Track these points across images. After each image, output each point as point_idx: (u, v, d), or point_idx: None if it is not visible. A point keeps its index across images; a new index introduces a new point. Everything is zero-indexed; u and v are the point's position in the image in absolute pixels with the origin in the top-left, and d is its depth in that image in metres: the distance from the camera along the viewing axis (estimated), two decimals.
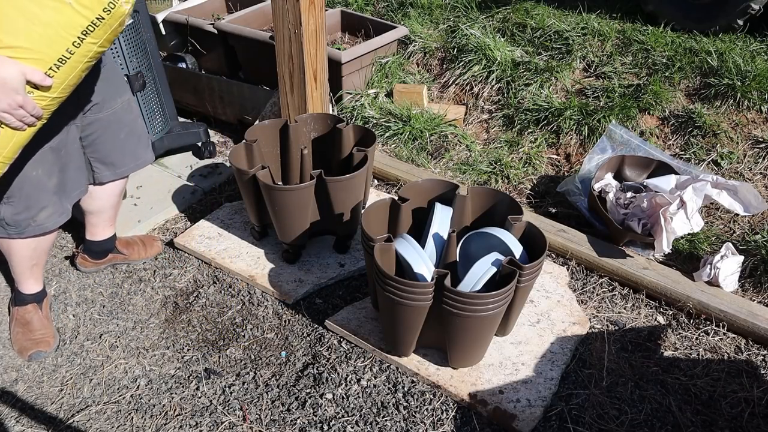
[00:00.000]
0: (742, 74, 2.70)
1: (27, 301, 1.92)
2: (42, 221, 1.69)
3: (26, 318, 1.92)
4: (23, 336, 1.90)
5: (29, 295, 1.92)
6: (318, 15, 2.22)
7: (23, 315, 1.92)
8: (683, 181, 2.13)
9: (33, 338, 1.89)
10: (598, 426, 1.68)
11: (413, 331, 1.68)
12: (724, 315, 1.95)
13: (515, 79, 3.00)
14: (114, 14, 1.36)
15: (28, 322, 1.91)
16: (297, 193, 1.94)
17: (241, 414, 1.73)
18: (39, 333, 1.91)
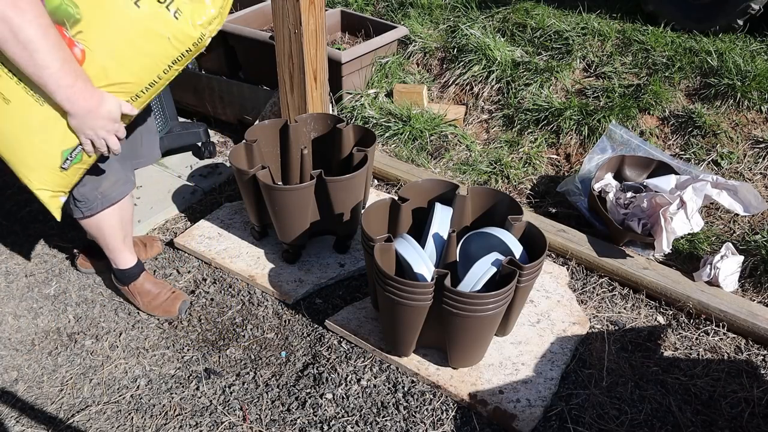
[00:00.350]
0: (742, 74, 2.70)
1: (135, 274, 1.98)
2: (107, 192, 1.74)
3: (146, 288, 2.00)
4: (155, 301, 2.00)
5: (133, 267, 1.97)
6: (318, 15, 2.22)
7: (142, 286, 1.99)
8: (683, 181, 2.13)
9: (166, 297, 2.00)
10: (598, 426, 1.68)
11: (413, 331, 1.68)
12: (724, 315, 1.95)
13: (515, 79, 3.00)
14: (200, 46, 1.49)
15: (149, 290, 2.00)
16: (297, 193, 1.94)
17: (241, 414, 1.73)
18: (166, 290, 2.02)
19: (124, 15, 1.37)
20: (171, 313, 2.00)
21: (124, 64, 1.41)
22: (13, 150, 1.42)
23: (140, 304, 2.02)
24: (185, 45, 1.45)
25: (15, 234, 2.40)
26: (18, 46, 1.26)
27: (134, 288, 2.00)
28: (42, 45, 1.27)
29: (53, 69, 1.30)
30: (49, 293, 2.14)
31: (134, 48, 1.40)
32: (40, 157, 1.43)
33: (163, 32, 1.41)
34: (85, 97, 1.36)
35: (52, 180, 1.47)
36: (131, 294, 2.02)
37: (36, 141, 1.40)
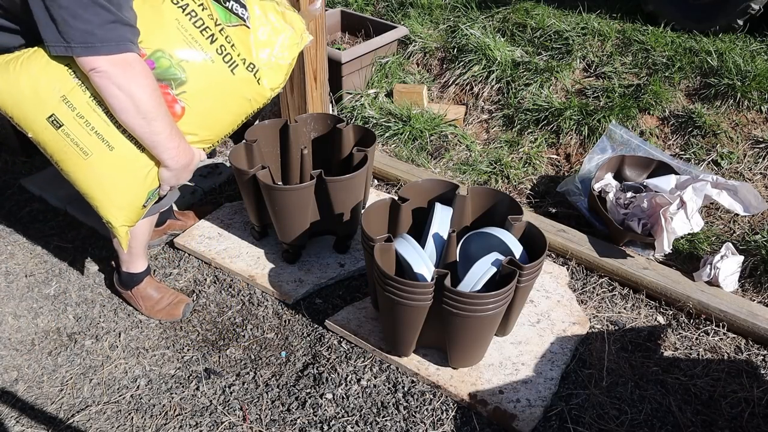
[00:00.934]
0: (742, 74, 2.70)
1: (141, 278, 2.00)
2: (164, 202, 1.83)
3: (148, 292, 2.01)
4: (158, 306, 2.01)
5: (142, 272, 2.00)
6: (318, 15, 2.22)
7: (145, 291, 2.01)
8: (683, 181, 2.12)
9: (169, 301, 2.01)
10: (598, 426, 1.68)
11: (413, 331, 1.68)
12: (724, 315, 1.95)
13: (515, 79, 3.00)
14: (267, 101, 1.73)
15: (151, 295, 2.02)
16: (297, 193, 1.94)
17: (241, 414, 1.73)
18: (169, 294, 2.03)
19: (222, 80, 1.57)
20: (175, 316, 2.00)
21: (213, 122, 1.61)
22: (107, 191, 1.52)
23: (142, 308, 2.03)
24: (259, 104, 1.70)
25: (15, 234, 2.40)
26: (138, 116, 1.40)
27: (137, 292, 2.01)
28: (157, 115, 1.43)
29: (165, 135, 1.46)
30: (49, 293, 2.14)
31: (224, 108, 1.61)
32: (130, 198, 1.55)
33: (248, 95, 1.64)
34: (184, 156, 1.56)
35: (132, 216, 1.59)
36: (133, 298, 2.02)
37: (131, 184, 1.53)
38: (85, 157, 1.46)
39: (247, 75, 1.63)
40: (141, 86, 1.38)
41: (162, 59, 1.49)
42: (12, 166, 2.80)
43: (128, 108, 1.39)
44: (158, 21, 1.50)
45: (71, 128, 1.43)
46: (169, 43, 1.50)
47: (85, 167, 1.47)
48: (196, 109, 1.56)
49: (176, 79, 1.51)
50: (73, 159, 1.46)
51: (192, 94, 1.54)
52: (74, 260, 2.27)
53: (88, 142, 1.45)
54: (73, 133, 1.43)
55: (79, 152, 1.45)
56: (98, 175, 1.49)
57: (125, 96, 1.37)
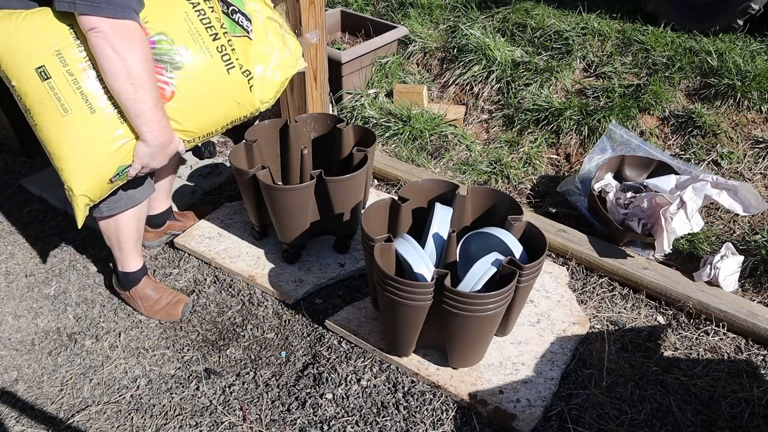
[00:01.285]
0: (742, 74, 2.70)
1: (138, 278, 2.00)
2: (132, 193, 1.79)
3: (147, 293, 2.01)
4: (157, 306, 2.00)
5: (137, 271, 1.99)
6: (318, 15, 2.22)
7: (143, 291, 2.01)
8: (683, 181, 2.12)
9: (168, 301, 2.01)
10: (598, 426, 1.68)
11: (413, 331, 1.68)
12: (724, 315, 1.95)
13: (515, 79, 3.00)
14: (251, 115, 1.78)
15: (149, 295, 2.01)
16: (297, 193, 1.94)
17: (241, 414, 1.73)
18: (168, 294, 2.02)
19: (216, 75, 1.61)
20: (174, 316, 2.00)
21: (199, 114, 1.62)
22: (76, 154, 1.49)
23: (141, 308, 2.03)
24: (247, 111, 1.74)
25: (15, 234, 2.41)
26: (126, 81, 1.42)
27: (135, 293, 2.01)
28: (146, 83, 1.45)
29: (149, 105, 1.47)
30: (49, 293, 2.14)
31: (212, 102, 1.63)
32: (98, 167, 1.51)
33: (238, 98, 1.68)
34: (164, 134, 1.55)
35: (95, 189, 1.55)
36: (132, 299, 2.02)
37: (102, 152, 1.50)
38: (63, 114, 1.44)
39: (241, 78, 1.68)
40: (135, 53, 1.41)
41: (163, 42, 1.54)
42: (12, 166, 2.80)
43: (119, 72, 1.41)
44: (168, 8, 1.56)
45: (57, 83, 1.43)
46: (173, 30, 1.55)
47: (60, 124, 1.45)
48: (185, 96, 1.58)
49: (173, 63, 1.55)
50: (51, 114, 1.45)
51: (184, 81, 1.57)
52: (74, 260, 2.27)
53: (71, 100, 1.44)
54: (58, 88, 1.43)
55: (59, 108, 1.44)
56: (72, 135, 1.46)
57: (119, 60, 1.39)
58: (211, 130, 1.71)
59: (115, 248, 1.92)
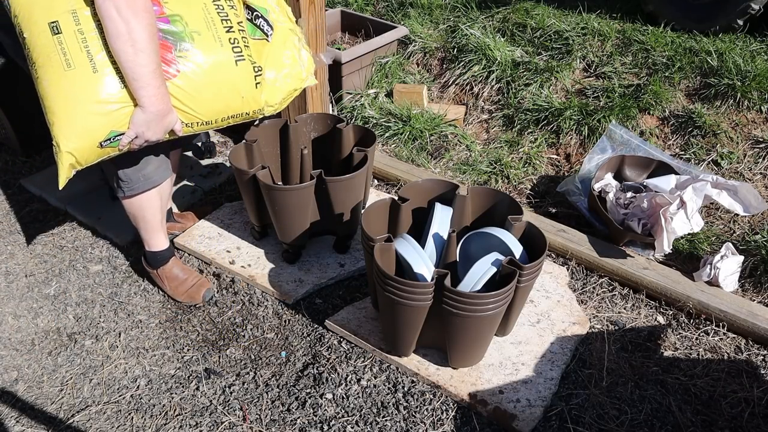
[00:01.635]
0: (742, 74, 2.70)
1: (166, 257, 2.05)
2: (150, 174, 1.84)
3: (174, 272, 2.06)
4: (182, 287, 2.05)
5: (165, 250, 2.04)
6: (318, 15, 2.22)
7: (170, 271, 2.06)
8: (683, 181, 2.12)
9: (192, 284, 2.06)
10: (598, 426, 1.68)
11: (413, 331, 1.68)
12: (724, 315, 1.95)
13: (515, 79, 3.00)
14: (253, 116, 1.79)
15: (176, 275, 2.06)
16: (297, 193, 1.94)
17: (241, 414, 1.73)
18: (193, 277, 2.08)
19: (225, 64, 1.64)
20: (195, 299, 2.04)
21: (200, 97, 1.63)
22: (71, 110, 1.49)
23: (167, 288, 2.07)
24: (249, 108, 1.75)
25: (15, 234, 2.41)
26: (127, 43, 1.44)
27: (163, 272, 2.06)
28: (147, 47, 1.46)
29: (149, 69, 1.48)
30: (49, 293, 2.14)
31: (215, 89, 1.64)
32: (89, 126, 1.51)
33: (242, 92, 1.69)
34: (162, 102, 1.55)
35: (83, 150, 1.54)
36: (159, 278, 2.07)
37: (97, 111, 1.50)
38: (66, 69, 1.47)
39: (249, 72, 1.69)
40: (139, 17, 1.44)
41: (177, 22, 1.59)
42: (12, 166, 2.80)
43: (121, 33, 1.43)
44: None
45: (67, 39, 1.47)
46: (189, 14, 1.61)
47: (61, 78, 1.47)
48: (189, 77, 1.60)
49: (182, 44, 1.59)
50: (55, 67, 1.47)
51: (191, 62, 1.60)
52: (74, 260, 2.27)
53: (76, 57, 1.47)
54: (66, 43, 1.47)
55: (63, 62, 1.47)
56: (70, 90, 1.48)
57: (122, 21, 1.42)
58: (211, 119, 1.70)
59: (141, 228, 1.97)
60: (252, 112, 1.77)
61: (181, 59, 1.58)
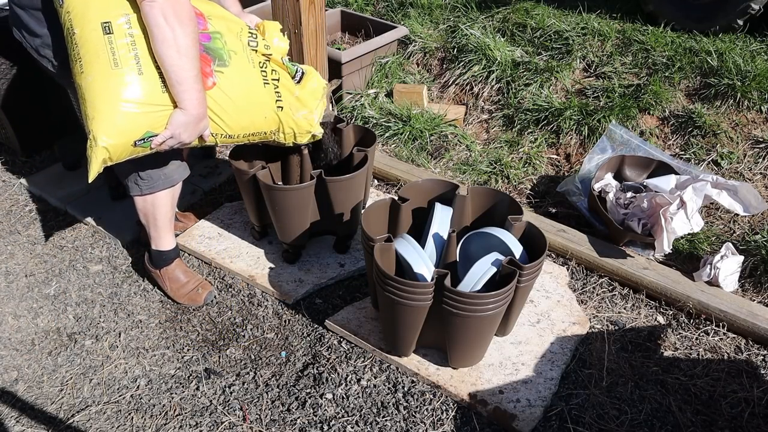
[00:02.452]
0: (742, 74, 2.70)
1: (171, 257, 2.06)
2: (170, 173, 1.89)
3: (176, 274, 2.07)
4: (183, 288, 2.07)
5: (171, 251, 2.06)
6: (318, 15, 2.22)
7: (173, 272, 2.07)
8: (683, 181, 2.12)
9: (194, 286, 2.07)
10: (598, 426, 1.68)
11: (413, 331, 1.68)
12: (724, 315, 1.95)
13: (515, 79, 3.00)
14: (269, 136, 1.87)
15: (178, 277, 2.07)
16: (297, 193, 1.94)
17: (241, 414, 1.73)
18: (195, 280, 2.09)
19: (254, 83, 1.74)
20: (196, 301, 2.05)
21: (231, 111, 1.71)
22: (112, 107, 1.54)
23: (168, 289, 2.07)
24: (268, 128, 1.83)
25: (15, 234, 2.41)
26: (173, 47, 1.51)
27: (165, 273, 2.06)
28: (190, 53, 1.54)
29: (192, 74, 1.56)
30: (49, 293, 2.14)
31: (245, 105, 1.73)
32: (128, 125, 1.56)
33: (266, 112, 1.78)
34: (202, 105, 1.62)
35: (117, 147, 1.57)
36: (161, 278, 2.07)
37: (138, 111, 1.56)
38: (113, 68, 1.53)
39: (273, 96, 1.80)
40: (184, 24, 1.52)
41: (218, 40, 1.68)
42: (12, 166, 2.80)
43: (167, 38, 1.50)
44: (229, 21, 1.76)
45: (117, 39, 1.53)
46: (227, 34, 1.72)
47: (107, 76, 1.53)
48: (224, 90, 1.68)
49: (222, 60, 1.68)
50: (102, 65, 1.53)
51: (226, 77, 1.68)
52: (74, 260, 2.27)
53: (124, 58, 1.53)
54: (116, 44, 1.53)
55: (111, 60, 1.53)
56: (115, 88, 1.53)
57: (168, 28, 1.49)
58: (235, 133, 1.77)
59: (151, 226, 1.98)
60: (269, 131, 1.85)
61: (218, 74, 1.67)
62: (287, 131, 1.88)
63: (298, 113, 1.88)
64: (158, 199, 1.91)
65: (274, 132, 1.86)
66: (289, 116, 1.85)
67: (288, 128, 1.87)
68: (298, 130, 1.90)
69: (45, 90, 2.71)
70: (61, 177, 2.65)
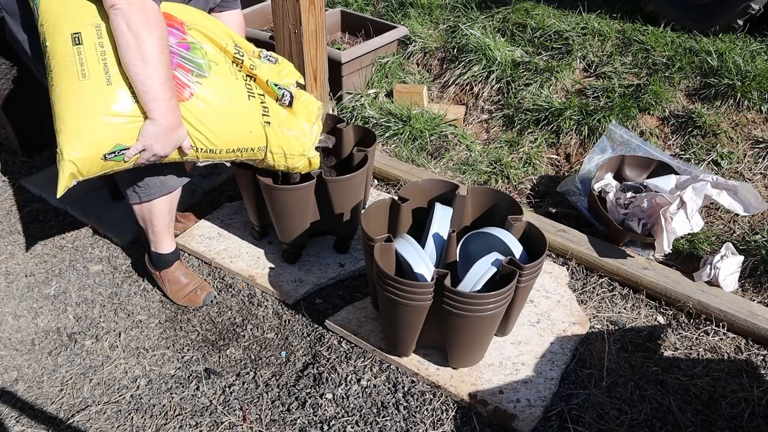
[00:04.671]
0: (742, 74, 2.70)
1: (171, 260, 2.06)
2: (167, 180, 1.87)
3: (176, 275, 2.07)
4: (183, 290, 2.07)
5: (171, 253, 2.05)
6: (318, 15, 2.22)
7: (173, 273, 2.07)
8: (683, 181, 2.13)
9: (193, 288, 2.07)
10: (598, 426, 1.68)
11: (413, 331, 1.68)
12: (724, 315, 1.95)
13: (515, 79, 3.00)
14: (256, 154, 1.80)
15: (178, 278, 2.07)
16: (297, 193, 1.94)
17: (241, 414, 1.73)
18: (194, 282, 2.09)
19: (237, 96, 1.69)
20: (195, 303, 2.06)
21: (210, 123, 1.65)
22: (80, 119, 1.50)
23: (168, 291, 2.08)
24: (255, 144, 1.76)
25: (15, 234, 2.41)
26: (137, 56, 1.47)
27: (165, 275, 2.06)
28: (156, 60, 1.49)
29: (158, 82, 1.50)
30: (49, 293, 2.14)
31: (226, 118, 1.67)
32: (96, 137, 1.52)
33: (251, 127, 1.72)
34: (173, 115, 1.56)
35: (86, 160, 1.54)
36: (161, 280, 2.08)
37: (105, 122, 1.52)
38: (81, 78, 1.50)
39: (258, 110, 1.74)
40: (149, 30, 1.47)
41: (197, 50, 1.64)
42: (12, 166, 2.80)
43: (131, 46, 1.46)
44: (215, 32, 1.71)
45: (87, 50, 1.51)
46: (209, 45, 1.69)
47: (74, 87, 1.50)
48: (202, 101, 1.63)
49: (201, 71, 1.63)
50: (70, 76, 1.50)
51: (205, 88, 1.63)
52: (74, 260, 2.27)
53: (93, 68, 1.50)
54: (85, 54, 1.50)
55: (79, 71, 1.50)
56: (81, 100, 1.50)
57: (131, 35, 1.45)
58: (217, 147, 1.71)
59: (149, 231, 1.98)
60: (257, 148, 1.78)
61: (197, 84, 1.62)
62: (275, 150, 1.80)
63: (288, 132, 1.81)
64: (155, 206, 1.90)
65: (262, 149, 1.78)
66: (278, 134, 1.78)
67: (277, 147, 1.79)
68: (288, 150, 1.82)
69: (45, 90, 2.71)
70: None
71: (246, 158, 1.81)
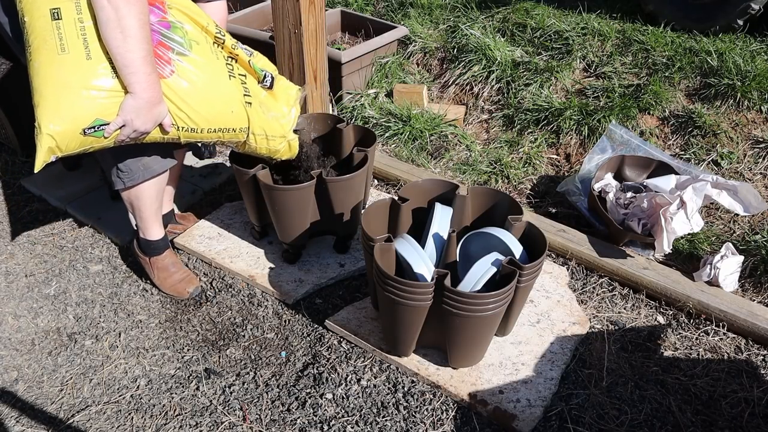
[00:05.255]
0: (742, 74, 2.70)
1: (161, 247, 2.06)
2: (149, 164, 1.83)
3: (165, 263, 2.07)
4: (171, 279, 2.07)
5: (160, 240, 2.05)
6: (318, 15, 2.22)
7: (162, 261, 2.07)
8: (683, 181, 2.13)
9: (181, 278, 2.08)
10: (598, 426, 1.68)
11: (413, 331, 1.68)
12: (724, 315, 1.95)
13: (515, 79, 3.00)
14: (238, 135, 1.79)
15: (167, 267, 2.08)
16: (297, 193, 1.94)
17: (241, 414, 1.73)
18: (183, 272, 2.10)
19: (218, 75, 1.69)
20: (181, 294, 2.06)
21: (191, 101, 1.65)
22: (59, 93, 1.49)
23: (155, 278, 2.08)
24: (237, 125, 1.75)
25: (15, 234, 2.41)
26: (117, 29, 1.46)
27: (155, 262, 2.07)
28: (136, 34, 1.48)
29: (138, 56, 1.49)
30: (49, 293, 2.14)
31: (207, 95, 1.67)
32: (75, 111, 1.51)
33: (232, 106, 1.72)
34: (153, 88, 1.54)
35: (65, 135, 1.52)
36: (149, 266, 2.08)
37: (85, 96, 1.50)
38: (59, 53, 1.49)
39: (240, 90, 1.74)
40: (129, 4, 1.46)
41: (178, 29, 1.64)
42: (12, 166, 2.80)
43: (110, 19, 1.46)
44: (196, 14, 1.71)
45: (66, 25, 1.50)
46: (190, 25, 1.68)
47: (53, 61, 1.49)
48: (183, 78, 1.63)
49: (182, 49, 1.63)
50: (49, 50, 1.49)
51: (186, 66, 1.63)
52: (74, 260, 2.27)
53: (72, 43, 1.49)
54: (64, 29, 1.50)
55: (57, 46, 1.49)
56: (60, 74, 1.49)
57: (111, 8, 1.45)
58: (198, 126, 1.70)
59: (136, 217, 1.99)
60: (239, 129, 1.77)
61: (177, 62, 1.62)
62: (257, 132, 1.80)
63: (269, 113, 1.82)
64: (141, 191, 1.88)
65: (244, 130, 1.78)
66: (259, 115, 1.79)
67: (258, 128, 1.80)
68: (270, 132, 1.83)
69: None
70: (61, 177, 2.65)
71: (228, 140, 1.79)
